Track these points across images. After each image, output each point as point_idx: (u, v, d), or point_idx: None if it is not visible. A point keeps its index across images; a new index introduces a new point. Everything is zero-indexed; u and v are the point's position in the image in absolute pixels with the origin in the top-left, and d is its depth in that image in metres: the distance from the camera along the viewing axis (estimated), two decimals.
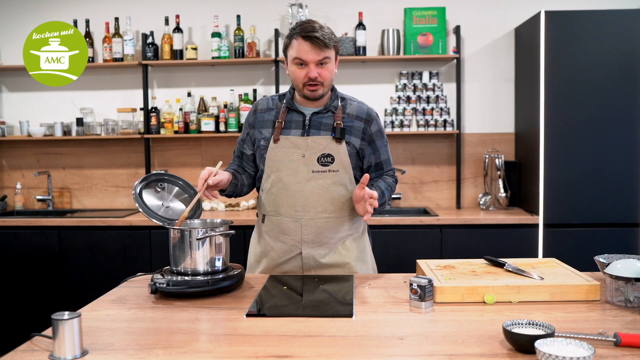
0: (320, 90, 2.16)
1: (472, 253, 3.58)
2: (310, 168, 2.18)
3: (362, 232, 2.34)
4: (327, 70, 2.14)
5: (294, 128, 2.22)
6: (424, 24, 4.22)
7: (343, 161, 2.19)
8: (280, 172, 2.20)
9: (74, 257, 3.90)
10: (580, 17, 3.73)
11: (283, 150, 2.20)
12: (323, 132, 2.20)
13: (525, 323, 1.44)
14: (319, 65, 2.13)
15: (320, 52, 2.11)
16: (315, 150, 2.18)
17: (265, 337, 1.52)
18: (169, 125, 4.29)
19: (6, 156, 4.59)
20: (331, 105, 2.24)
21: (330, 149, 2.18)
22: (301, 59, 2.12)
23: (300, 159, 2.18)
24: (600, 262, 1.97)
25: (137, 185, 2.15)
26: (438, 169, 4.37)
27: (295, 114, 2.24)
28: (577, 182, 3.73)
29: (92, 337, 1.53)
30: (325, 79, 2.15)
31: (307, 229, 2.20)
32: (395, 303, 1.80)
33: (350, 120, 2.24)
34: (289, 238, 2.23)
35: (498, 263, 2.04)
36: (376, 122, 2.30)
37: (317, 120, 2.22)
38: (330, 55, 2.14)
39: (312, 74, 2.12)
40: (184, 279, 1.89)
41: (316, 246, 2.22)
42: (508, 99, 4.34)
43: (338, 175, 2.19)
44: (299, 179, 2.18)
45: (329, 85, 2.20)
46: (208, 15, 4.36)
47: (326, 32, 2.13)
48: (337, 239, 2.24)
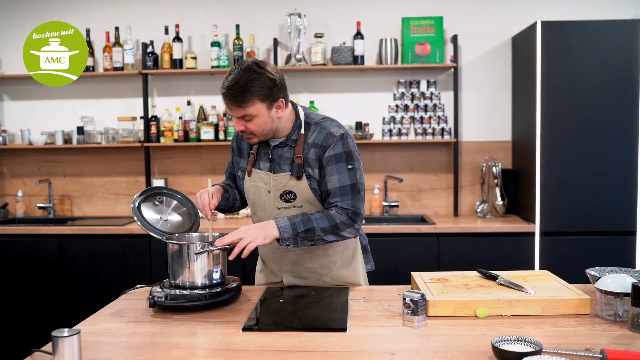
0: (255, 139, 2.07)
1: (469, 261, 3.61)
2: (276, 205, 2.14)
3: (351, 257, 2.26)
4: (254, 124, 2.01)
5: (263, 161, 2.17)
6: (421, 33, 4.26)
7: (306, 196, 2.10)
8: (254, 206, 2.23)
9: (74, 265, 3.93)
10: (576, 27, 3.77)
11: (254, 184, 2.19)
12: (284, 166, 2.11)
13: (514, 339, 1.48)
14: (243, 119, 2.01)
15: (238, 110, 1.98)
16: (277, 188, 2.12)
17: (260, 352, 1.56)
18: (169, 133, 4.33)
19: (7, 164, 4.63)
20: (290, 139, 2.11)
21: (291, 186, 2.10)
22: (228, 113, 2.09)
23: (267, 194, 2.16)
24: (591, 275, 2.00)
25: (136, 199, 2.18)
26: (436, 176, 4.40)
27: (264, 145, 2.16)
28: (573, 191, 3.76)
29: (91, 352, 1.57)
30: (254, 131, 2.03)
31: (284, 260, 2.23)
32: (389, 317, 1.84)
33: (308, 149, 2.09)
34: (272, 266, 2.30)
35: (491, 276, 2.08)
36: (335, 146, 2.05)
37: (278, 154, 2.13)
38: (252, 112, 1.97)
39: (237, 127, 2.04)
40: (182, 293, 1.92)
41: (296, 276, 2.25)
42: (505, 108, 4.37)
43: (303, 210, 2.11)
44: (267, 214, 2.17)
45: (266, 134, 2.06)
46: (207, 24, 4.39)
47: (245, 85, 1.94)
48: (317, 266, 2.21)
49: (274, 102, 2.02)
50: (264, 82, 1.97)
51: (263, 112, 2.00)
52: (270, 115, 2.02)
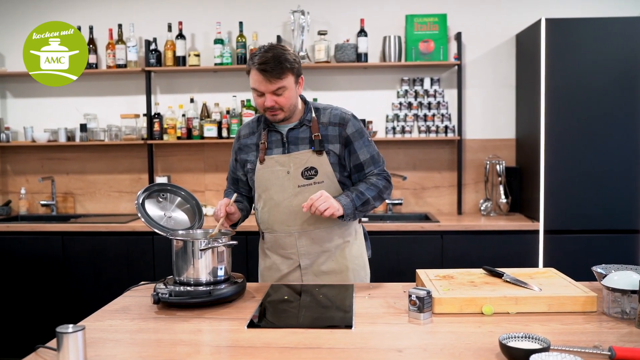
0: (281, 115, 2.20)
1: (473, 259, 3.60)
2: (296, 183, 2.24)
3: (356, 237, 2.38)
4: (284, 98, 2.16)
5: (276, 147, 2.28)
6: (425, 30, 4.24)
7: (326, 171, 2.24)
8: (269, 190, 2.27)
9: (77, 262, 3.93)
10: (580, 24, 3.75)
11: (269, 169, 2.26)
12: (302, 146, 2.25)
13: (522, 336, 1.47)
14: (274, 94, 2.15)
15: (272, 83, 2.12)
16: (298, 166, 2.24)
17: (265, 349, 1.55)
18: (172, 131, 4.32)
19: (11, 161, 4.63)
20: (304, 120, 2.27)
21: (312, 162, 2.23)
22: (257, 89, 2.16)
23: (286, 175, 2.24)
24: (597, 272, 1.99)
25: (139, 196, 2.18)
26: (439, 174, 4.39)
27: (274, 134, 2.29)
28: (577, 189, 3.75)
29: (96, 348, 1.56)
30: (284, 105, 2.17)
31: (302, 241, 2.28)
32: (395, 314, 1.83)
33: (325, 128, 2.26)
34: (286, 252, 2.31)
35: (497, 273, 2.07)
36: (352, 123, 2.27)
37: (294, 136, 2.27)
38: (286, 84, 2.14)
39: (268, 103, 2.15)
40: (187, 289, 1.91)
41: (313, 256, 2.29)
42: (509, 105, 4.36)
43: (323, 187, 2.23)
44: (287, 195, 2.25)
45: (291, 109, 2.21)
46: (210, 21, 4.38)
47: (282, 59, 2.11)
48: (332, 246, 2.30)
49: (299, 77, 2.22)
50: (293, 57, 2.17)
51: (292, 85, 2.17)
52: (295, 89, 2.20)
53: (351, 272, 2.33)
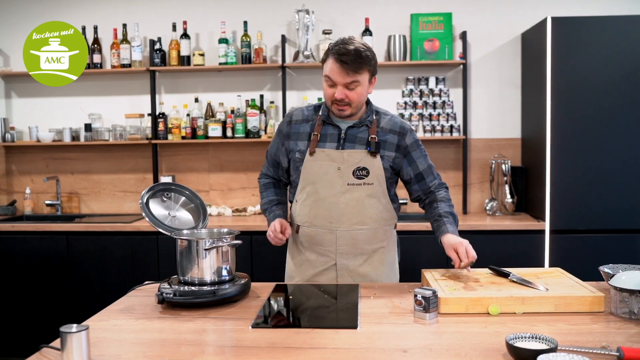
0: (348, 111, 2.19)
1: (479, 259, 3.55)
2: (346, 181, 2.21)
3: (393, 244, 2.38)
4: (355, 93, 2.15)
5: (329, 141, 2.24)
6: (430, 29, 4.23)
7: (377, 174, 2.22)
8: (315, 184, 2.24)
9: (82, 262, 3.93)
10: (586, 23, 3.73)
11: (319, 163, 2.23)
12: (358, 145, 2.23)
13: (529, 336, 1.45)
14: (347, 87, 2.13)
15: (348, 75, 2.11)
16: (350, 164, 2.21)
17: (270, 349, 1.54)
18: (177, 130, 4.32)
19: (15, 161, 4.63)
20: (366, 120, 2.25)
21: (366, 163, 2.21)
22: (330, 78, 2.15)
23: (336, 171, 2.21)
24: (605, 272, 1.97)
25: (144, 195, 2.18)
26: (444, 174, 4.37)
27: (331, 127, 2.26)
28: (583, 188, 3.73)
29: (100, 348, 1.55)
30: (353, 100, 2.16)
31: (342, 240, 2.24)
32: (400, 314, 1.82)
33: (384, 134, 2.25)
34: (323, 249, 2.27)
35: (503, 273, 2.05)
36: (411, 134, 2.29)
37: (352, 134, 2.24)
38: (361, 79, 2.13)
39: (338, 95, 2.14)
40: (191, 289, 1.91)
41: (350, 257, 2.26)
42: (514, 105, 4.34)
43: (373, 188, 2.22)
44: (335, 191, 2.22)
45: (358, 106, 2.21)
46: (215, 21, 4.38)
47: (362, 55, 2.11)
48: (370, 250, 2.28)
49: (373, 76, 2.21)
50: (374, 56, 2.18)
51: (366, 82, 2.17)
52: (367, 88, 2.20)
53: (385, 278, 2.31)
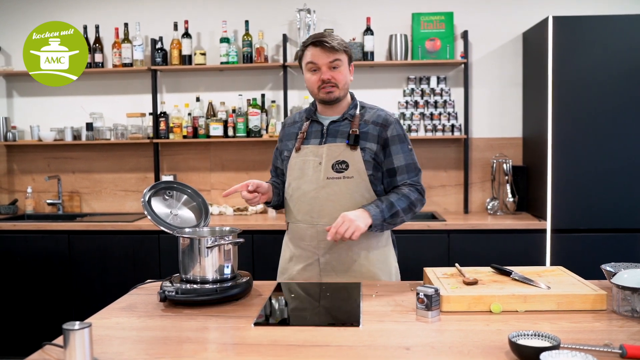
0: (336, 92, 2.22)
1: (480, 258, 3.56)
2: (326, 175, 2.22)
3: (385, 244, 2.32)
4: (339, 72, 2.20)
5: (314, 138, 2.29)
6: (431, 29, 4.23)
7: (358, 167, 2.21)
8: (299, 179, 2.26)
9: (83, 261, 3.93)
10: (587, 22, 3.73)
11: (302, 158, 2.26)
12: (339, 139, 2.24)
13: (531, 334, 1.45)
14: (331, 68, 2.19)
15: (330, 54, 2.18)
16: (330, 157, 2.22)
17: (272, 346, 1.54)
18: (178, 130, 4.32)
19: (17, 160, 4.64)
20: (347, 114, 2.28)
21: (345, 156, 2.21)
22: (313, 62, 2.19)
23: (317, 166, 2.23)
24: (607, 270, 1.97)
25: (146, 193, 2.18)
26: (446, 173, 4.38)
27: (316, 125, 2.31)
28: (585, 187, 3.73)
29: (102, 346, 1.55)
30: (339, 81, 2.20)
31: (323, 235, 2.20)
32: (402, 312, 1.81)
33: (366, 125, 2.25)
34: (306, 244, 2.27)
35: (505, 271, 2.05)
36: (394, 127, 2.25)
37: (334, 128, 2.27)
38: (341, 58, 2.20)
39: (324, 75, 2.19)
40: (193, 287, 1.91)
41: (334, 254, 2.24)
42: (516, 104, 4.34)
43: (353, 182, 2.21)
44: (315, 185, 2.23)
45: (345, 89, 2.25)
46: (216, 20, 4.38)
47: (335, 37, 2.22)
48: (355, 245, 2.23)
49: (351, 61, 2.28)
50: (346, 42, 2.26)
51: (345, 64, 2.23)
52: (348, 71, 2.25)
53: (373, 275, 2.25)
